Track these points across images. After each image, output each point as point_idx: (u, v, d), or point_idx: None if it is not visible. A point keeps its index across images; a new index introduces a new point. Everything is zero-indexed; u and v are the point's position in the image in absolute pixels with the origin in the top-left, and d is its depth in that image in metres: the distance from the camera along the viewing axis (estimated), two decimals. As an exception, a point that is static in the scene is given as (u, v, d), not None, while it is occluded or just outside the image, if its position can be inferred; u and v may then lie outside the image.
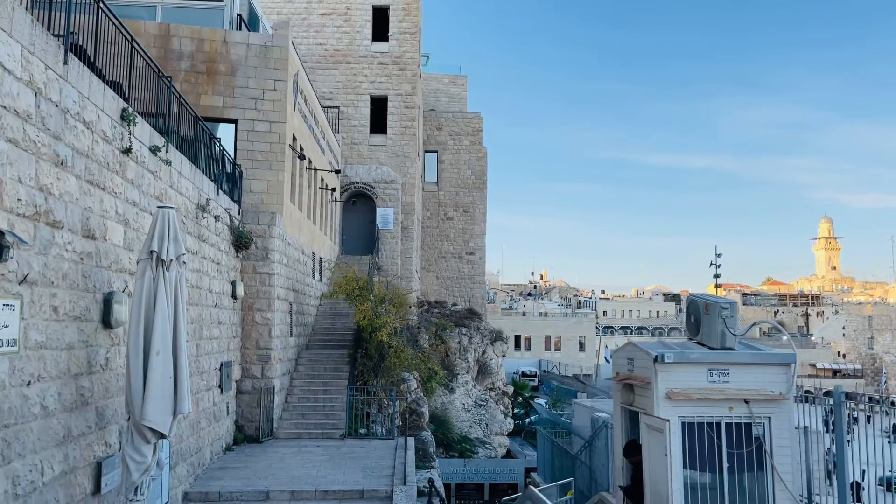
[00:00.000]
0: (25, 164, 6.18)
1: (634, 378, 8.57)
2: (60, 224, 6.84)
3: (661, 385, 7.94)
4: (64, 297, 6.92)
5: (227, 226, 14.74)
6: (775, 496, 7.96)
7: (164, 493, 9.86)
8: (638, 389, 8.58)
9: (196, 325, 12.11)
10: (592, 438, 17.00)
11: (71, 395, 7.04)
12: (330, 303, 23.41)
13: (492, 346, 35.21)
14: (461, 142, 40.19)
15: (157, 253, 7.35)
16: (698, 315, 8.54)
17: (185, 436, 11.36)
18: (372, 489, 11.61)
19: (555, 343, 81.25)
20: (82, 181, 7.37)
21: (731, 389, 8.01)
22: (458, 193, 39.86)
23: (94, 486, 7.53)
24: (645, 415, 8.21)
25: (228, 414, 14.79)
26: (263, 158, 17.51)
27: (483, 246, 40.74)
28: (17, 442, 5.93)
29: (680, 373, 7.99)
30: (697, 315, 8.56)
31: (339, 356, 19.53)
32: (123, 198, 8.57)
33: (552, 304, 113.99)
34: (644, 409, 8.33)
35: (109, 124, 8.11)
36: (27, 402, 6.15)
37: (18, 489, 5.91)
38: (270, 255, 16.36)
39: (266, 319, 16.22)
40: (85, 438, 7.35)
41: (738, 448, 7.97)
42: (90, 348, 7.55)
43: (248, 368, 15.95)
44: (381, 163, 31.30)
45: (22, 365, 6.09)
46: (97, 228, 7.76)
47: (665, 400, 7.92)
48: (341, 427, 16.70)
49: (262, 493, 11.35)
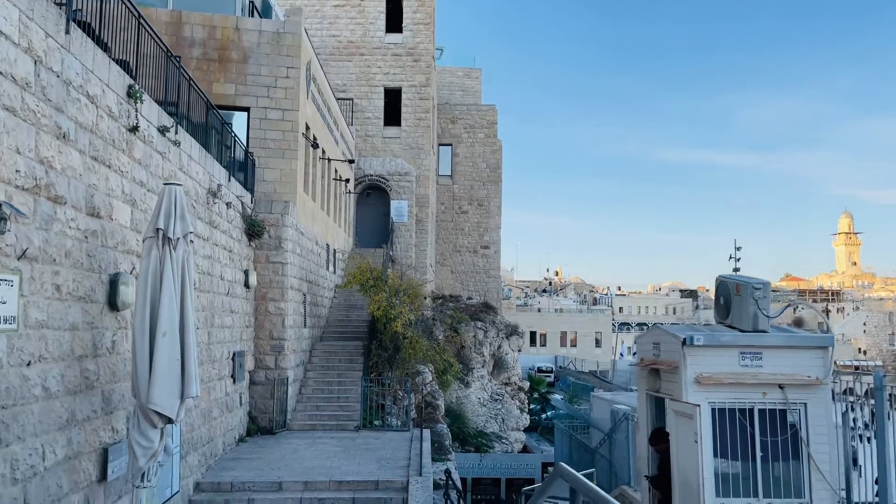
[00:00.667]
0: (24, 135, 5.91)
1: (661, 363, 8.18)
2: (63, 199, 6.57)
3: (690, 369, 7.55)
4: (67, 275, 6.66)
5: (240, 213, 14.49)
6: (811, 486, 7.55)
7: (174, 483, 9.61)
8: (665, 375, 8.19)
9: (207, 313, 11.87)
10: (612, 431, 16.60)
11: (75, 377, 6.78)
12: (344, 295, 23.16)
13: (507, 341, 34.83)
14: (476, 135, 39.79)
15: (163, 231, 7.07)
16: (728, 296, 8.13)
17: (196, 425, 11.11)
18: (387, 480, 11.31)
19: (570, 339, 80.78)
20: (86, 157, 7.10)
21: (764, 374, 7.60)
22: (473, 187, 39.48)
23: (101, 472, 7.27)
24: (673, 401, 7.83)
25: (241, 405, 14.56)
26: (276, 147, 17.26)
27: (498, 240, 40.33)
28: (15, 424, 5.66)
29: (710, 356, 7.60)
30: (727, 296, 8.15)
31: (354, 348, 19.27)
32: (130, 177, 8.30)
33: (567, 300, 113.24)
34: (671, 394, 7.95)
35: (115, 100, 7.85)
36: (27, 383, 5.89)
37: (17, 473, 5.65)
38: (284, 245, 16.11)
39: (279, 309, 15.97)
40: (90, 423, 7.09)
41: (773, 436, 7.57)
42: (95, 330, 7.29)
43: (261, 359, 15.71)
44: (395, 155, 31.01)
45: (21, 344, 5.82)
46: (102, 207, 7.49)
47: (694, 385, 7.53)
48: (356, 419, 16.42)
49: (275, 484, 11.08)
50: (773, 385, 7.60)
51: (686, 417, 7.44)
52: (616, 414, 16.77)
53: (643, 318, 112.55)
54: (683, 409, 7.47)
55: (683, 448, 7.55)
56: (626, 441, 15.13)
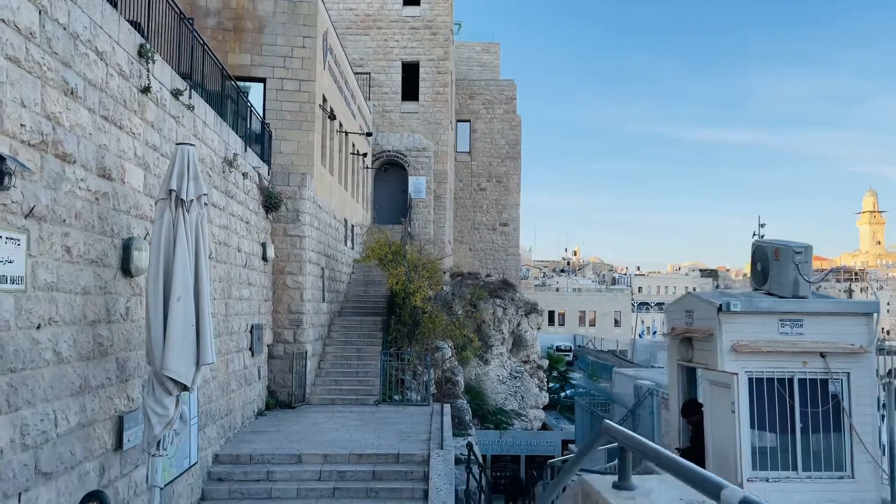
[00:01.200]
0: (29, 88, 5.64)
1: (694, 331, 7.82)
2: (72, 158, 6.32)
3: (726, 337, 7.19)
4: (78, 237, 6.42)
5: (256, 185, 14.24)
6: (853, 459, 7.19)
7: (192, 454, 9.47)
8: (698, 343, 7.84)
9: (225, 284, 11.67)
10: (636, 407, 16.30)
11: (88, 343, 6.57)
12: (362, 271, 22.95)
13: (526, 319, 34.52)
14: (494, 110, 39.20)
15: (175, 192, 6.81)
16: (766, 262, 7.73)
17: (214, 397, 10.95)
18: (408, 453, 11.10)
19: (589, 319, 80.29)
20: (96, 115, 6.84)
21: (805, 342, 7.22)
22: (492, 163, 38.98)
23: (116, 441, 7.10)
24: (707, 370, 7.48)
25: (260, 378, 14.41)
26: (293, 118, 16.96)
27: (517, 217, 39.86)
28: (24, 388, 5.46)
29: (747, 323, 7.23)
30: (765, 262, 7.75)
31: (372, 323, 19.07)
32: (143, 140, 8.04)
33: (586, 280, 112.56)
34: (705, 364, 7.60)
35: (126, 59, 7.56)
36: (37, 346, 5.68)
37: (27, 439, 5.46)
38: (301, 218, 15.86)
39: (297, 283, 15.77)
40: (105, 390, 6.90)
41: (813, 407, 7.21)
42: (109, 296, 7.08)
43: (279, 333, 15.55)
44: (412, 130, 30.59)
45: (30, 306, 5.60)
46: (114, 169, 7.24)
47: (730, 353, 7.18)
48: (375, 393, 16.25)
49: (294, 456, 10.92)
50: (815, 353, 7.22)
51: (722, 387, 7.10)
52: (640, 389, 16.46)
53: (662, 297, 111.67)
54: (719, 378, 7.12)
55: (718, 419, 7.21)
56: (651, 416, 14.84)
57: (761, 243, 7.93)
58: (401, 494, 10.29)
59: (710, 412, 7.41)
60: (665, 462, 2.31)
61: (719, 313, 7.21)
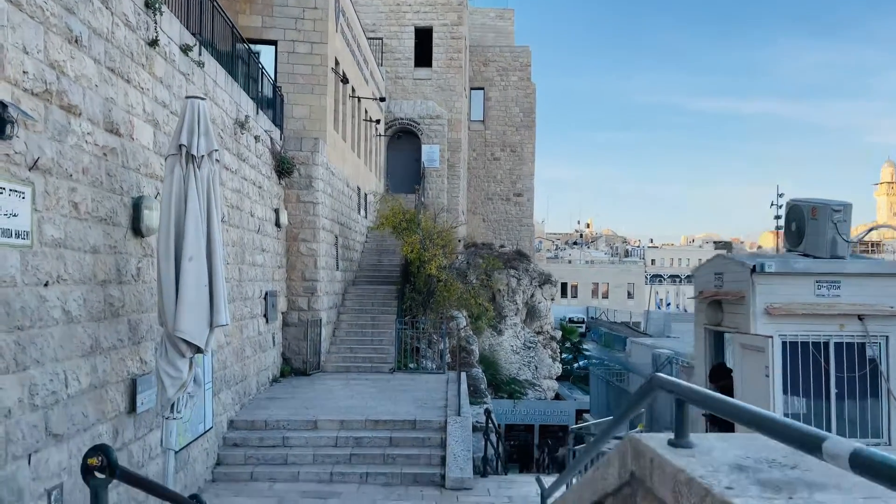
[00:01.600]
0: (31, 33, 5.35)
1: (724, 294, 7.52)
2: (77, 110, 6.05)
3: (760, 299, 6.89)
4: (85, 193, 6.18)
5: (269, 149, 13.95)
6: (891, 425, 6.92)
7: (207, 419, 9.35)
8: (728, 306, 7.54)
9: (238, 249, 11.46)
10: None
11: (98, 303, 6.37)
12: (376, 240, 22.73)
13: (540, 290, 34.28)
14: (509, 78, 38.45)
15: (186, 148, 6.54)
16: (801, 221, 7.38)
17: (228, 362, 10.81)
18: (425, 420, 10.94)
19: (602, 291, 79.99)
20: (102, 66, 6.55)
21: (842, 304, 6.91)
22: (506, 132, 38.35)
23: (129, 403, 6.94)
24: (738, 333, 7.19)
25: (275, 345, 14.28)
26: (305, 82, 16.61)
27: (531, 187, 39.34)
28: (32, 346, 5.26)
29: (782, 285, 6.91)
30: (800, 221, 7.40)
31: (387, 292, 18.88)
32: (152, 96, 7.76)
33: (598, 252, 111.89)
34: (736, 327, 7.31)
35: (132, 9, 7.24)
36: (45, 304, 5.47)
37: (37, 399, 5.28)
38: (314, 184, 15.59)
39: (311, 250, 15.55)
40: (117, 352, 6.72)
41: (849, 371, 6.92)
42: (119, 255, 6.86)
43: (293, 300, 15.38)
44: (425, 97, 30.09)
45: (37, 262, 5.39)
46: (122, 124, 6.97)
47: (763, 317, 6.88)
48: (390, 361, 16.11)
49: (310, 423, 10.79)
50: (852, 316, 6.91)
51: (754, 351, 6.81)
52: (658, 358, 16.23)
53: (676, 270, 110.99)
54: (751, 341, 6.84)
55: (750, 384, 6.94)
56: (670, 385, 14.62)
57: (797, 201, 7.58)
58: (418, 461, 10.15)
59: (741, 377, 7.14)
60: (742, 415, 2.04)
61: (753, 274, 6.90)
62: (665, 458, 2.29)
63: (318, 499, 8.90)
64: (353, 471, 9.80)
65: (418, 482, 9.71)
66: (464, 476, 9.61)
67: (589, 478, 3.27)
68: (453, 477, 9.59)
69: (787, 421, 1.81)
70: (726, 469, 2.13)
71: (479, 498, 9.24)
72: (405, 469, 9.91)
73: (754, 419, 1.94)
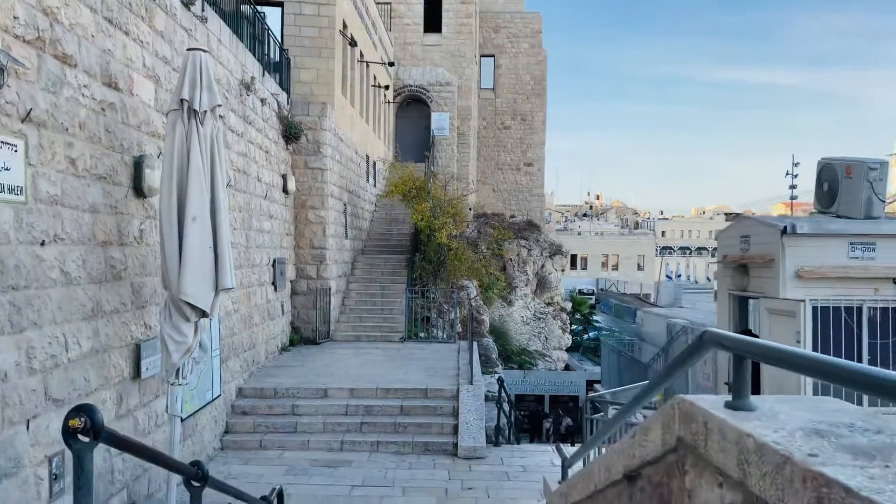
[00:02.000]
0: (20, -25, 5.02)
1: (751, 257, 7.19)
2: (72, 60, 5.73)
3: (790, 262, 6.56)
4: (83, 149, 5.89)
5: (276, 113, 13.60)
6: (925, 395, 6.61)
7: (215, 386, 9.16)
8: (755, 270, 7.21)
9: (245, 214, 11.18)
10: (668, 345, 15.82)
11: (99, 264, 6.12)
12: (385, 209, 22.42)
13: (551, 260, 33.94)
14: (519, 45, 37.67)
15: (188, 102, 6.22)
16: (835, 180, 7.01)
17: (236, 329, 10.61)
18: (437, 388, 10.74)
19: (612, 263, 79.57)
20: (98, 16, 6.21)
21: (877, 267, 6.57)
22: (516, 100, 37.68)
23: (133, 369, 6.72)
24: (766, 298, 6.87)
25: (283, 314, 14.08)
26: (312, 45, 16.16)
27: (542, 157, 38.77)
28: (29, 308, 5.02)
29: (814, 247, 6.58)
30: (833, 180, 7.03)
31: (396, 261, 18.62)
32: (152, 50, 7.42)
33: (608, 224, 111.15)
34: (763, 292, 6.99)
35: (130, -43, 6.87)
36: (42, 264, 5.22)
37: (35, 363, 5.05)
38: (322, 150, 15.24)
39: (320, 217, 15.27)
40: (119, 316, 6.49)
41: (883, 338, 6.60)
42: (120, 216, 6.59)
43: (302, 269, 15.15)
44: (435, 64, 29.50)
45: (32, 219, 5.12)
46: (121, 78, 6.65)
47: (794, 280, 6.55)
48: (400, 330, 15.90)
49: (319, 391, 10.60)
50: (887, 280, 6.58)
51: (784, 316, 6.51)
52: (673, 327, 15.96)
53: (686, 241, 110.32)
54: (781, 306, 6.53)
55: (778, 350, 6.64)
56: (685, 355, 14.35)
57: (830, 160, 7.19)
58: (430, 430, 9.96)
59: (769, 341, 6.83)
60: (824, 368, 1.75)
61: (783, 236, 6.56)
62: (725, 422, 2.00)
63: (328, 467, 8.74)
64: (364, 439, 9.62)
65: (430, 451, 9.53)
66: (476, 445, 9.42)
67: (623, 445, 3.00)
68: (466, 446, 9.40)
69: (883, 372, 1.52)
70: (801, 434, 1.84)
71: (491, 467, 9.05)
72: (416, 438, 9.72)
73: (840, 372, 1.65)
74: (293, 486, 8.00)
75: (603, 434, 5.26)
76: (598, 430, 5.81)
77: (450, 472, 8.69)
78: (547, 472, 8.83)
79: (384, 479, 8.38)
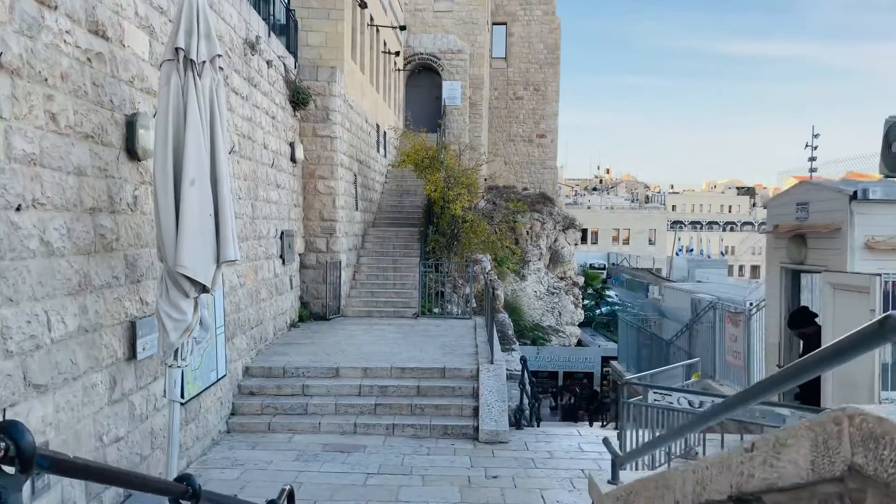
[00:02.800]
0: None
1: (810, 227, 6.47)
2: (52, 2, 5.02)
3: (859, 231, 5.85)
4: (66, 103, 5.21)
5: (282, 77, 12.85)
6: None
7: (220, 366, 8.57)
8: (813, 241, 6.50)
9: (251, 183, 10.51)
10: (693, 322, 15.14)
11: (86, 233, 5.47)
12: (396, 180, 21.71)
13: (564, 234, 33.20)
14: (532, 12, 36.49)
15: (184, 52, 5.51)
16: (908, 141, 6.26)
17: (242, 305, 10.00)
18: (455, 368, 10.13)
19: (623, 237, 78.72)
20: (81, -47, 5.49)
21: (958, 238, 5.84)
22: (529, 70, 36.60)
23: (129, 349, 6.11)
24: (829, 272, 6.17)
25: (292, 288, 13.47)
26: (320, 6, 15.35)
27: (555, 128, 37.81)
28: (3, 282, 4.39)
29: (887, 215, 5.86)
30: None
31: (409, 234, 17.96)
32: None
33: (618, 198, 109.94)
34: (825, 265, 6.29)
35: None
36: (17, 232, 4.57)
37: (11, 344, 4.43)
38: (332, 117, 14.51)
39: (329, 188, 14.58)
40: (111, 291, 5.85)
41: (962, 316, 5.88)
42: (111, 180, 5.92)
43: (311, 241, 14.51)
44: (446, 31, 28.53)
45: (5, 181, 4.46)
46: (110, 26, 5.94)
47: (863, 252, 5.85)
48: (413, 306, 15.29)
49: (331, 370, 10.01)
50: (969, 252, 5.85)
51: (852, 292, 5.80)
52: (699, 303, 15.27)
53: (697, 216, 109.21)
54: (849, 281, 5.82)
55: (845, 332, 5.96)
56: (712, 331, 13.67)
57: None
58: (448, 411, 9.37)
59: (832, 323, 6.15)
60: None
61: (852, 202, 5.84)
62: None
63: (341, 452, 8.17)
64: (379, 422, 9.04)
65: (449, 434, 8.95)
66: (499, 429, 8.83)
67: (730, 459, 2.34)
68: (487, 429, 8.81)
69: None
70: None
71: (515, 452, 8.47)
72: (434, 420, 9.13)
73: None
74: (304, 473, 7.43)
75: (673, 437, 4.59)
76: (674, 429, 5.12)
77: (471, 459, 8.10)
78: (576, 459, 8.23)
79: (401, 465, 7.80)
